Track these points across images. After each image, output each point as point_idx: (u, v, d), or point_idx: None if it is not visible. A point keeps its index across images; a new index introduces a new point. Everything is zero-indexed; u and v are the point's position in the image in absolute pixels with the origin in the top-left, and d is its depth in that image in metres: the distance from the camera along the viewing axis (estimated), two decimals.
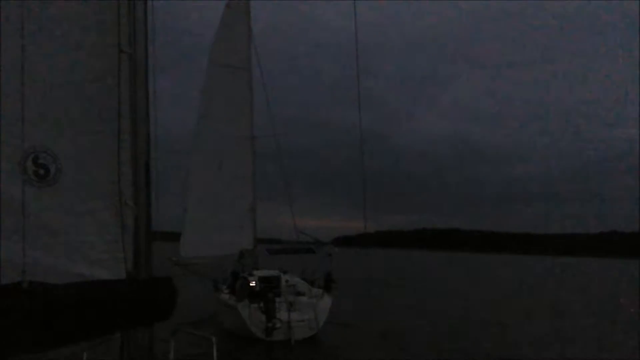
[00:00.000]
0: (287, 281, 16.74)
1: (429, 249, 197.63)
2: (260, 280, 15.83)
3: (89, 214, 3.01)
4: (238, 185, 19.77)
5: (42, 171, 2.86)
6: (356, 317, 19.21)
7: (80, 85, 3.01)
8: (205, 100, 20.01)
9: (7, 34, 2.73)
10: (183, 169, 20.00)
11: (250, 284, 15.35)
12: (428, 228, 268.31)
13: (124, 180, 3.06)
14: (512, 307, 25.78)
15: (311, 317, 14.82)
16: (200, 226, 18.71)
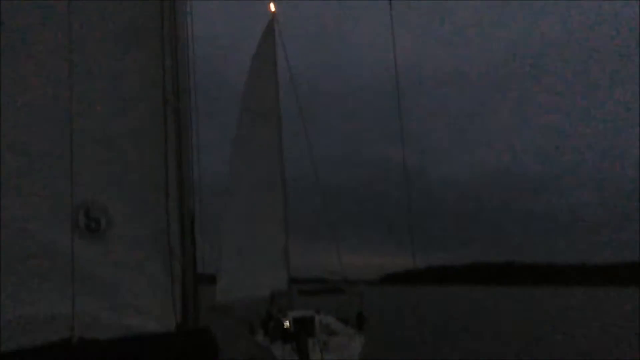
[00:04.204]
0: (320, 321, 16.72)
1: (484, 285, 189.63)
2: (294, 320, 15.90)
3: (138, 265, 3.03)
4: (271, 226, 20.19)
5: (93, 224, 2.90)
6: (390, 356, 18.82)
7: (129, 138, 3.08)
8: (236, 145, 20.85)
9: (60, 91, 2.84)
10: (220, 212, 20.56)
11: (284, 325, 15.46)
12: (480, 262, 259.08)
13: (171, 231, 3.08)
14: None
15: (344, 357, 14.69)
16: (235, 269, 19.14)
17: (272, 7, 21.62)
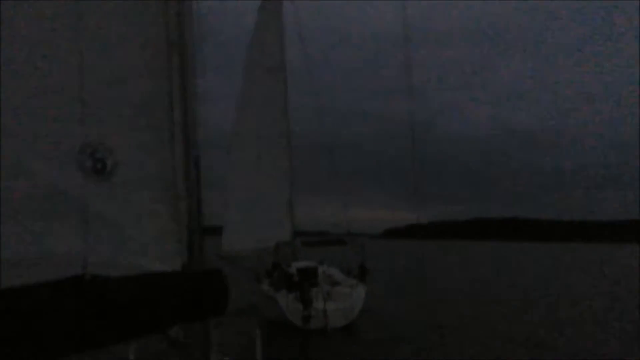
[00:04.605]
0: (324, 272, 17.20)
1: (487, 239, 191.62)
2: (298, 271, 16.36)
3: (145, 207, 3.06)
4: (276, 179, 20.43)
5: (99, 165, 2.89)
6: (391, 306, 19.42)
7: (133, 79, 3.06)
8: (242, 99, 20.81)
9: (62, 31, 2.79)
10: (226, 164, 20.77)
11: (288, 275, 15.93)
12: (484, 217, 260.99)
13: (177, 174, 3.13)
14: None
15: (347, 306, 15.22)
16: (240, 221, 19.50)
17: None
